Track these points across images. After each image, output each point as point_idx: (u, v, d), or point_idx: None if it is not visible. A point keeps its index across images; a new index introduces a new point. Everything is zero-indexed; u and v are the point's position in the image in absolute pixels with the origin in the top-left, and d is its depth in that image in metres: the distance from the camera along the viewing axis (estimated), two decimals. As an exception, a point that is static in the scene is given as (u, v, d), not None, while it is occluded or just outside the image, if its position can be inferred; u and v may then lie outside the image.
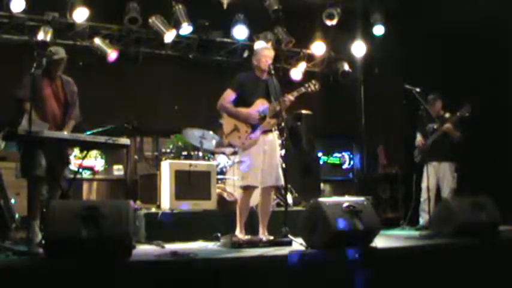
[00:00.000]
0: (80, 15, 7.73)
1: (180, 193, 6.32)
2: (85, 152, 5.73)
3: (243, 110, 5.41)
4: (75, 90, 5.51)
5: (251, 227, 5.61)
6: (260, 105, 5.42)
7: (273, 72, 5.43)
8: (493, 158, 7.44)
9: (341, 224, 4.54)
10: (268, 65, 5.41)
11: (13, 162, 5.48)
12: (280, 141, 5.89)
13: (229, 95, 5.46)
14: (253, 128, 5.39)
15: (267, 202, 5.51)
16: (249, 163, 5.36)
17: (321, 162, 9.78)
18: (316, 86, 5.46)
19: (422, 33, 8.50)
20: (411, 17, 8.65)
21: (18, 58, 7.02)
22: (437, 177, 7.12)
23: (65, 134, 5.12)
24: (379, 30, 9.14)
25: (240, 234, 5.37)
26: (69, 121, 5.39)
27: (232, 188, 6.77)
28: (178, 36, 8.38)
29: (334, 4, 8.79)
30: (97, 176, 8.55)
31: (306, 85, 5.47)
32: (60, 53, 5.36)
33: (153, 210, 6.33)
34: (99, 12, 8.02)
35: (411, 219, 7.37)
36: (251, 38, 8.88)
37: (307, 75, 8.93)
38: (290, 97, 5.37)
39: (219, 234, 5.39)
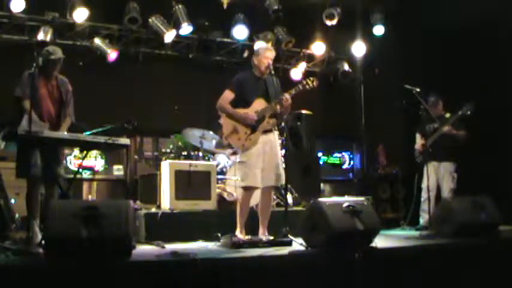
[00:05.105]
0: (80, 15, 7.74)
1: (180, 193, 6.32)
2: (85, 152, 5.73)
3: (240, 111, 5.41)
4: (70, 89, 5.48)
5: (251, 227, 5.61)
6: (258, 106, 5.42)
7: (273, 72, 5.43)
8: (493, 158, 7.43)
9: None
10: (268, 66, 5.41)
11: (13, 162, 5.47)
12: (280, 141, 5.88)
13: (228, 96, 5.46)
14: (253, 129, 5.39)
15: (267, 202, 5.51)
16: (249, 163, 5.36)
17: (321, 162, 9.79)
18: (314, 83, 5.41)
19: (422, 33, 8.50)
20: (411, 17, 8.65)
21: (18, 58, 7.02)
22: (437, 177, 7.11)
23: (65, 134, 5.12)
24: (379, 30, 9.15)
25: (240, 234, 5.37)
26: (65, 120, 5.38)
27: (232, 188, 6.77)
28: (178, 36, 8.39)
29: (334, 4, 8.79)
30: (97, 176, 8.56)
31: (304, 82, 5.45)
32: (57, 52, 5.34)
33: (153, 210, 6.33)
34: (99, 12, 8.03)
35: (411, 219, 7.37)
36: (251, 38, 8.89)
37: (307, 75, 8.91)
38: (287, 95, 5.34)
39: (219, 234, 5.38)
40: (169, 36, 8.20)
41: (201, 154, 7.02)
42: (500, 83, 7.56)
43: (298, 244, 4.80)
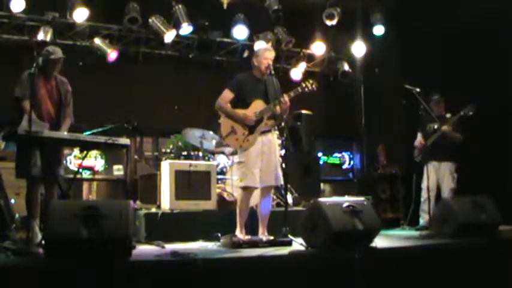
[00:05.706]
0: (80, 15, 7.75)
1: (180, 193, 6.32)
2: (85, 152, 5.72)
3: (239, 112, 5.41)
4: (69, 90, 5.47)
5: (251, 227, 5.62)
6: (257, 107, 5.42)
7: (273, 72, 5.43)
8: (493, 158, 7.43)
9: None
10: (268, 66, 5.40)
11: (13, 162, 5.49)
12: (280, 141, 5.88)
13: (227, 95, 5.46)
14: (251, 130, 5.39)
15: (266, 202, 5.51)
16: (247, 164, 5.36)
17: (321, 162, 9.79)
18: (314, 86, 5.39)
19: (422, 33, 8.50)
20: (411, 17, 8.65)
21: (18, 58, 7.03)
22: (437, 177, 7.11)
23: (65, 134, 5.12)
24: (379, 30, 9.15)
25: (240, 234, 5.37)
26: (65, 121, 5.38)
27: (232, 188, 6.77)
28: (178, 36, 8.39)
29: (334, 4, 8.79)
30: (97, 176, 8.56)
31: (303, 85, 5.43)
32: (57, 52, 5.33)
33: (153, 210, 6.33)
34: (99, 12, 8.04)
35: (411, 219, 7.37)
36: (251, 38, 8.89)
37: (307, 75, 8.93)
38: (286, 98, 5.34)
39: (219, 234, 5.38)
40: (169, 36, 8.20)
41: (201, 154, 7.02)
42: (500, 83, 7.55)
43: (298, 244, 4.80)
